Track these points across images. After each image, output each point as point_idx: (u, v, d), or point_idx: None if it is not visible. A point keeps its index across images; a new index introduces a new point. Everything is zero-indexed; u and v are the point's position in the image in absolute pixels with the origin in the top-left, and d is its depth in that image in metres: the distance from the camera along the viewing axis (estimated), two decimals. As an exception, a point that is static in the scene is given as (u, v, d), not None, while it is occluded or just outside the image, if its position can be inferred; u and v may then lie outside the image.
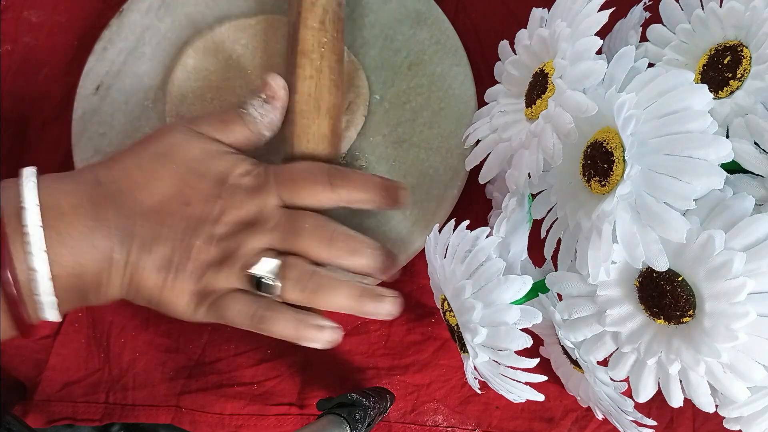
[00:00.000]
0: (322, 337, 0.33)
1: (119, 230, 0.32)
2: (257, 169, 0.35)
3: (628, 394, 0.27)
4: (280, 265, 0.32)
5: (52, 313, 0.31)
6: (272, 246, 0.33)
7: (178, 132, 0.34)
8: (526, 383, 0.28)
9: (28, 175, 0.31)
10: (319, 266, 0.33)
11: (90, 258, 0.31)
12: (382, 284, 0.36)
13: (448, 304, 0.29)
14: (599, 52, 0.26)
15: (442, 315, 0.32)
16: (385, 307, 0.33)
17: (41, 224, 0.30)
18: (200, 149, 0.34)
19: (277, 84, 0.36)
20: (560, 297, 0.27)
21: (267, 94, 0.36)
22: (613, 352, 0.26)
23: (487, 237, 0.28)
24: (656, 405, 0.36)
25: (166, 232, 0.32)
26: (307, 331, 0.33)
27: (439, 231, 0.31)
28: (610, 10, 0.26)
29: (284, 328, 0.33)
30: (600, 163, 0.24)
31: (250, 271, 0.32)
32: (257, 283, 0.32)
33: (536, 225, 0.29)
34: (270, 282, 0.32)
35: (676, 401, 0.24)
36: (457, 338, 0.30)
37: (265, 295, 0.33)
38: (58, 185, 0.32)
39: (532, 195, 0.30)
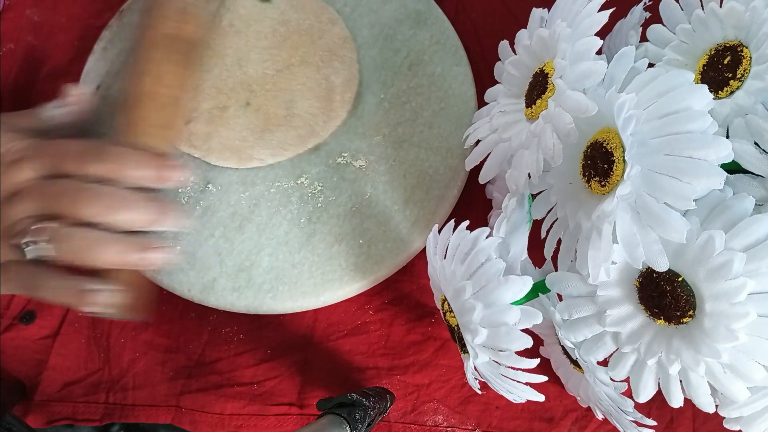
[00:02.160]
0: (98, 299, 0.33)
1: None
2: (18, 145, 0.35)
3: (628, 394, 0.27)
4: (42, 230, 0.32)
5: None
6: (36, 214, 0.33)
7: None
8: (527, 383, 0.28)
9: None
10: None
11: None
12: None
13: (449, 305, 0.29)
14: (599, 52, 0.26)
15: (442, 315, 0.31)
16: (154, 256, 0.33)
17: None
18: None
19: (70, 92, 0.38)
20: (560, 297, 0.27)
21: (60, 99, 0.37)
22: (613, 352, 0.26)
23: (487, 237, 0.28)
24: (656, 405, 0.36)
25: None
26: (81, 296, 0.33)
27: (439, 231, 0.31)
28: (610, 10, 0.26)
29: (56, 294, 0.33)
30: (600, 163, 0.24)
31: (12, 241, 0.33)
32: (26, 250, 0.33)
33: (536, 225, 0.29)
34: (35, 248, 0.32)
35: (676, 401, 0.24)
36: (457, 339, 0.30)
37: (37, 261, 0.33)
38: None
39: (532, 195, 0.30)
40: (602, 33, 0.26)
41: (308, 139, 0.40)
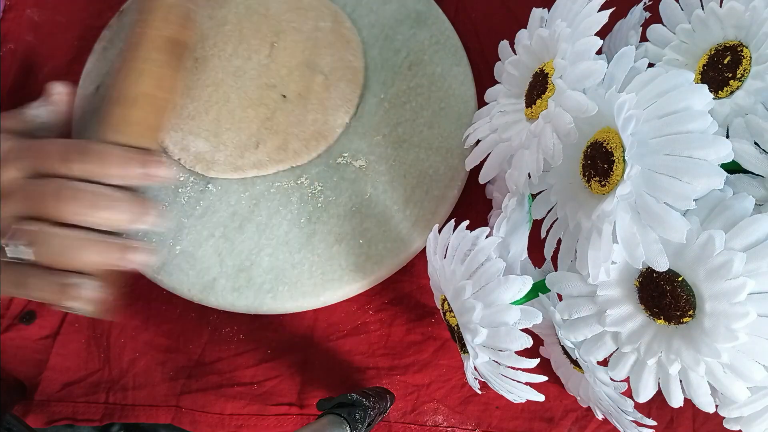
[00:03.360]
0: (80, 294, 0.32)
1: None
2: (3, 146, 0.35)
3: (628, 394, 0.27)
4: (21, 232, 0.32)
5: None
6: (19, 214, 0.33)
7: None
8: (527, 383, 0.28)
9: None
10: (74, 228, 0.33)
11: None
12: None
13: (448, 305, 0.29)
14: (599, 52, 0.26)
15: (442, 315, 0.32)
16: (137, 257, 0.33)
17: None
18: None
19: (53, 91, 0.38)
20: (560, 297, 0.27)
21: (44, 97, 0.38)
22: (613, 352, 0.26)
23: (487, 237, 0.28)
24: (656, 405, 0.36)
25: None
26: (64, 290, 0.32)
27: (439, 231, 0.31)
28: (610, 10, 0.26)
29: (40, 290, 0.33)
30: (600, 163, 0.24)
31: None
32: (7, 250, 0.32)
33: (536, 225, 0.29)
34: (17, 248, 0.32)
35: (676, 401, 0.24)
36: (457, 338, 0.30)
37: (19, 261, 0.33)
38: None
39: (532, 195, 0.30)
40: (602, 33, 0.26)
41: (358, 75, 0.42)
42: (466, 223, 0.29)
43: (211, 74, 0.42)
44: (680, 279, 0.23)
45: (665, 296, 0.23)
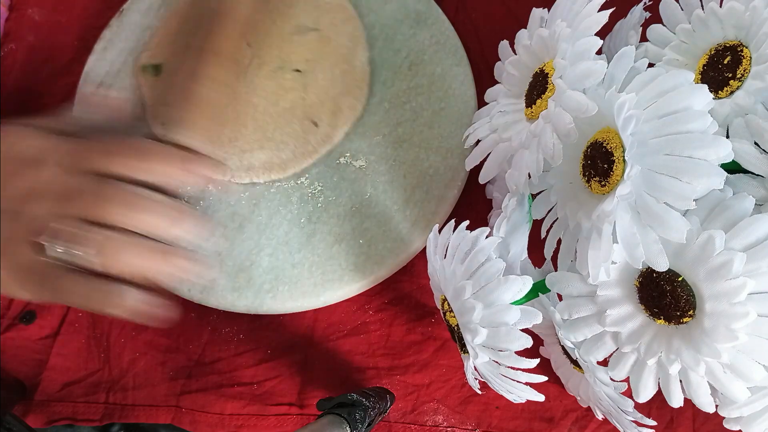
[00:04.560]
0: (122, 304, 0.31)
1: None
2: (39, 143, 0.34)
3: (628, 394, 0.27)
4: (59, 230, 0.31)
5: None
6: (58, 213, 0.32)
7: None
8: (527, 383, 0.28)
9: None
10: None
11: None
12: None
13: (449, 305, 0.29)
14: (599, 52, 0.26)
15: (442, 315, 0.32)
16: (180, 263, 0.32)
17: None
18: (7, 131, 0.34)
19: (99, 96, 0.38)
20: (560, 297, 0.27)
21: (88, 102, 0.37)
22: (613, 352, 0.26)
23: (487, 237, 0.28)
24: (656, 405, 0.36)
25: None
26: (104, 298, 0.31)
27: (439, 231, 0.31)
28: (610, 10, 0.26)
29: (79, 297, 0.31)
30: (600, 163, 0.24)
31: (32, 238, 0.31)
32: (46, 248, 0.31)
33: (536, 225, 0.29)
34: (54, 248, 0.31)
35: (676, 401, 0.24)
36: (457, 338, 0.30)
37: (61, 263, 0.32)
38: None
39: (532, 195, 0.30)
40: (602, 33, 0.26)
41: (346, 9, 0.42)
42: (466, 223, 0.29)
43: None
44: (680, 279, 0.23)
45: (665, 296, 0.23)
